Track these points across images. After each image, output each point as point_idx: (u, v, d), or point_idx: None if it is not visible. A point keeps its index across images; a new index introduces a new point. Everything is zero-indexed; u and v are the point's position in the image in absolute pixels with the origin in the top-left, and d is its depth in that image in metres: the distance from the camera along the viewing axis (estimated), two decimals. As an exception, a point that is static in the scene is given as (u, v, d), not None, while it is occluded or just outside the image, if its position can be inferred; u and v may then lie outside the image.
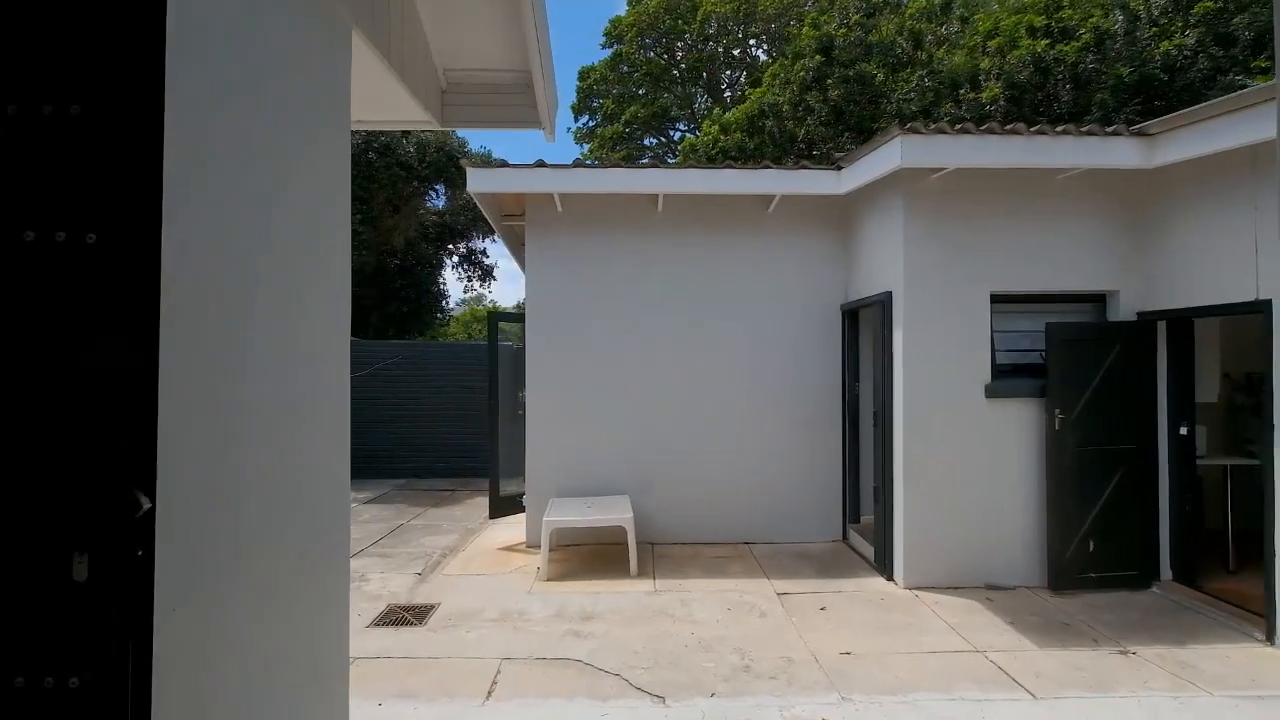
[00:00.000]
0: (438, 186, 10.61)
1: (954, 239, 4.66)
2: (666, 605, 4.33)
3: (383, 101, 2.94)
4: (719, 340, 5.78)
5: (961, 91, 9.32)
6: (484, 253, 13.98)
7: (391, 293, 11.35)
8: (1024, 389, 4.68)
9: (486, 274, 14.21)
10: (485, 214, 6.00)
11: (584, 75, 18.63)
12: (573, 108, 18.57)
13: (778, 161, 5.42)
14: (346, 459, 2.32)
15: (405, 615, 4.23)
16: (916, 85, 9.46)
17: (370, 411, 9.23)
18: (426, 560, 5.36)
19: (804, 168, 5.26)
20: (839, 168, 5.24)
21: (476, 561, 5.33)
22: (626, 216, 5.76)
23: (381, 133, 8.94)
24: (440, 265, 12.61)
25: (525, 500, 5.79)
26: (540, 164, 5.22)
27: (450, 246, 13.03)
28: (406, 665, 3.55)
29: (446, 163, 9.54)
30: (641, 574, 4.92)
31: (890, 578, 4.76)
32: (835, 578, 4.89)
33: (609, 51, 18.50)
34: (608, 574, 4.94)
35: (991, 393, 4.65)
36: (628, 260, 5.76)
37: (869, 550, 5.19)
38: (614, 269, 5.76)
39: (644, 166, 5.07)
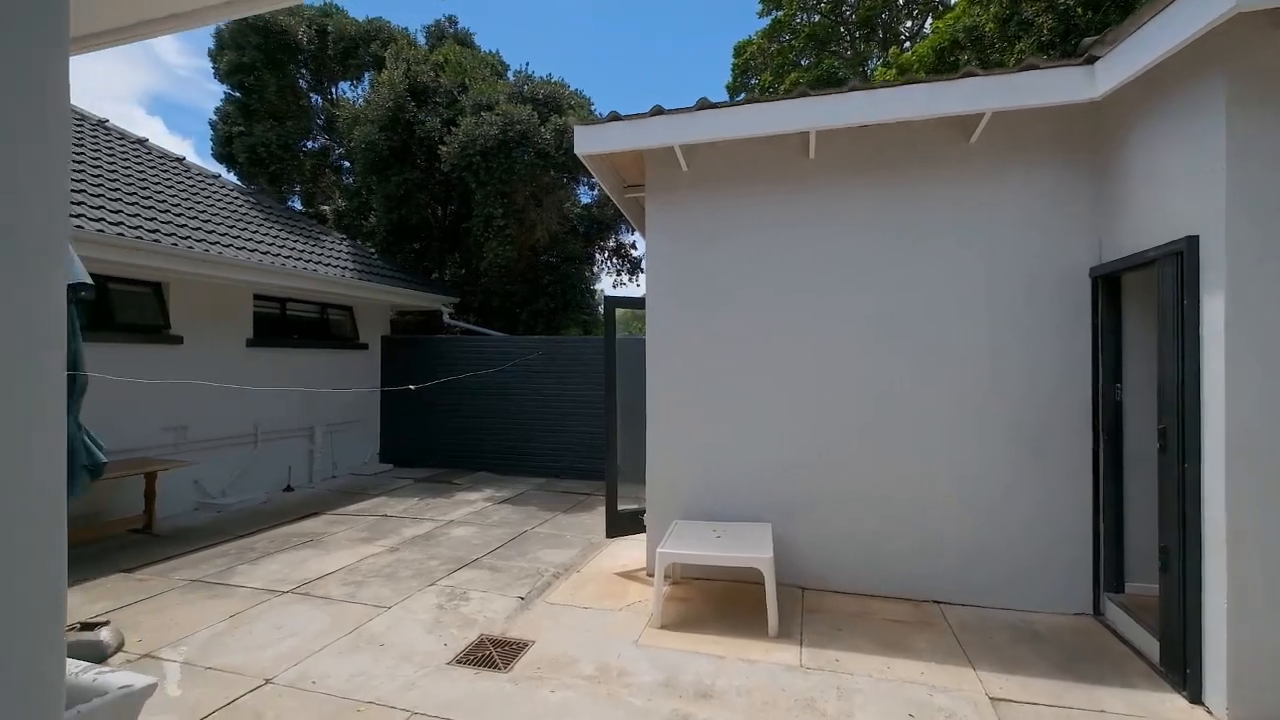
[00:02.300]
0: (578, 176, 10.20)
1: (1329, 141, 2.74)
2: (815, 693, 3.09)
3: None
4: (898, 326, 4.31)
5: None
6: (632, 246, 13.49)
7: (539, 289, 11.28)
8: None
9: (635, 268, 13.72)
10: (604, 186, 5.21)
11: (739, 51, 17.37)
12: (728, 87, 17.42)
13: (985, 68, 3.80)
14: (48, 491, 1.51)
15: (493, 653, 3.56)
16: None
17: (514, 406, 9.12)
18: (535, 581, 4.71)
19: (1031, 67, 3.60)
20: (1091, 59, 3.49)
21: (588, 588, 4.55)
22: (768, 169, 4.55)
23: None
24: (587, 260, 12.32)
25: (646, 519, 4.88)
26: (657, 110, 4.26)
27: (600, 242, 12.72)
28: (466, 734, 2.82)
29: None
30: (784, 635, 3.71)
31: (1195, 697, 2.97)
32: (1089, 682, 3.20)
33: (766, 21, 17.01)
34: (740, 626, 3.81)
35: None
36: (771, 226, 4.55)
37: (1144, 640, 3.39)
38: (754, 238, 4.59)
39: (787, 96, 3.81)
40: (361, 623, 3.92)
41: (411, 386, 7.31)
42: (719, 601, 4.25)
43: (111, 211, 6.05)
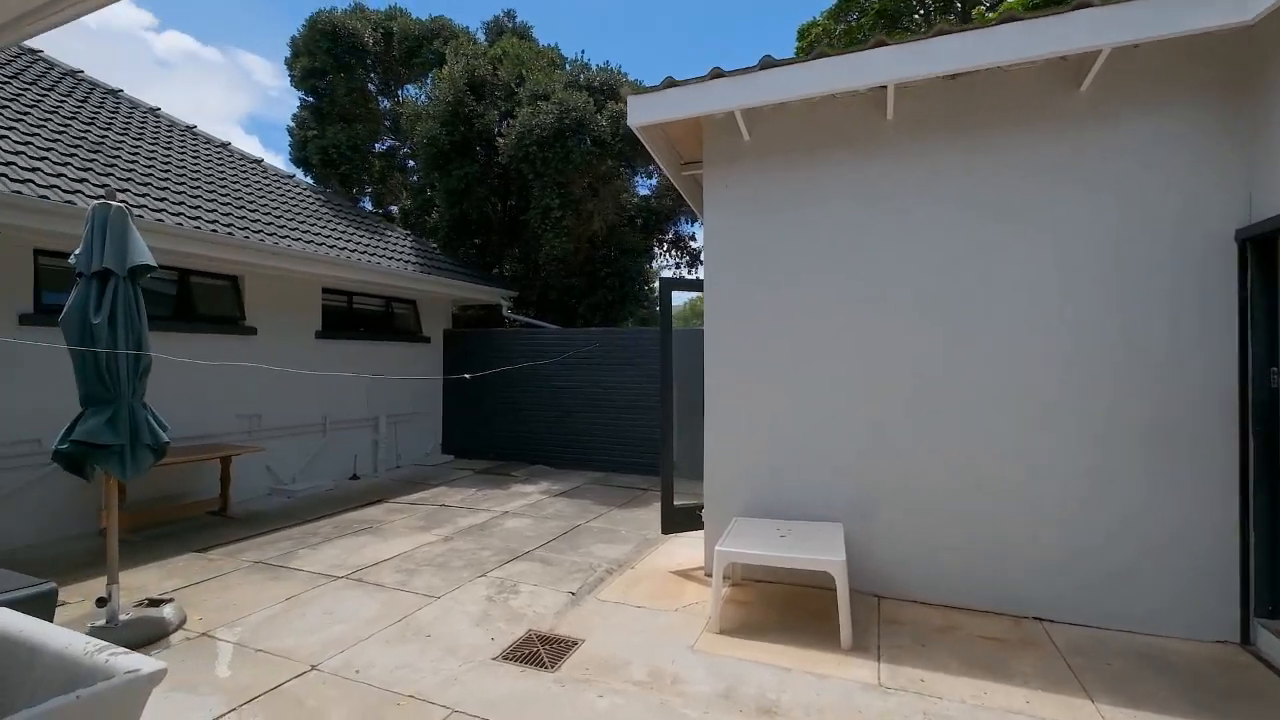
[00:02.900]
0: (635, 165, 9.96)
1: None
2: (898, 718, 2.70)
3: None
4: (993, 303, 3.80)
5: None
6: (691, 238, 13.15)
7: (597, 282, 11.14)
8: None
9: (695, 260, 13.39)
10: (660, 163, 4.93)
11: (803, 33, 16.63)
12: (791, 72, 16.70)
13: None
14: None
15: (540, 650, 3.36)
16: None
17: (571, 400, 9.01)
18: (587, 576, 4.50)
19: (1162, -10, 3.03)
20: (1243, -25, 2.90)
21: (642, 586, 4.29)
22: (839, 133, 4.13)
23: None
24: (646, 253, 12.07)
25: (703, 516, 4.57)
26: (717, 73, 3.94)
27: (658, 234, 12.45)
28: (508, 737, 2.62)
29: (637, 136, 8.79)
30: (859, 648, 3.31)
31: (1395, 754, 2.37)
32: (1244, 725, 2.64)
33: (833, 0, 16.19)
34: (807, 636, 3.44)
35: None
36: (844, 197, 4.13)
37: (1317, 678, 2.77)
38: (823, 211, 4.18)
39: (863, 47, 3.41)
40: (410, 612, 3.82)
41: (466, 375, 7.30)
42: (783, 606, 3.88)
43: (191, 208, 6.33)
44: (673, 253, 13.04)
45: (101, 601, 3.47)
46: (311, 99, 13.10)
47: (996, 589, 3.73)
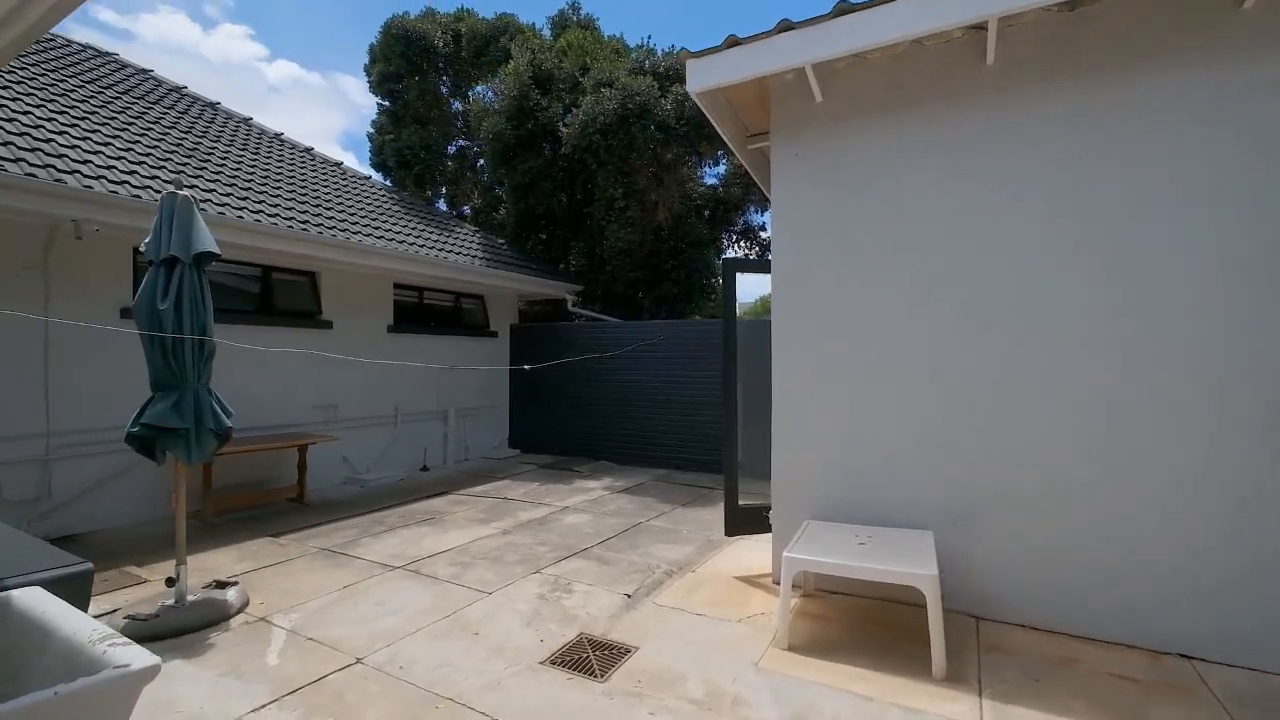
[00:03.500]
0: (701, 152, 9.56)
1: None
2: (1009, 769, 2.23)
3: None
4: (1125, 274, 3.19)
5: None
6: (761, 228, 12.59)
7: (662, 274, 10.86)
8: None
9: (765, 252, 12.81)
10: (723, 134, 4.56)
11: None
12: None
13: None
14: None
15: (590, 657, 3.11)
16: None
17: (636, 395, 8.79)
18: (645, 578, 4.22)
19: None
20: None
21: (703, 591, 3.96)
22: (927, 88, 3.63)
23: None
24: (713, 244, 11.66)
25: (771, 518, 4.18)
26: (785, 25, 3.54)
27: (726, 225, 12.00)
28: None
29: (705, 119, 8.37)
30: (955, 678, 2.83)
31: None
32: None
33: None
34: (891, 659, 3.00)
35: None
36: (933, 162, 3.63)
37: None
38: (908, 180, 3.69)
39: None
40: (460, 607, 3.69)
41: (526, 367, 7.22)
42: (862, 623, 3.44)
43: (271, 206, 6.61)
44: (741, 244, 12.54)
45: (170, 581, 3.55)
46: (387, 103, 13.63)
47: (1129, 617, 3.12)
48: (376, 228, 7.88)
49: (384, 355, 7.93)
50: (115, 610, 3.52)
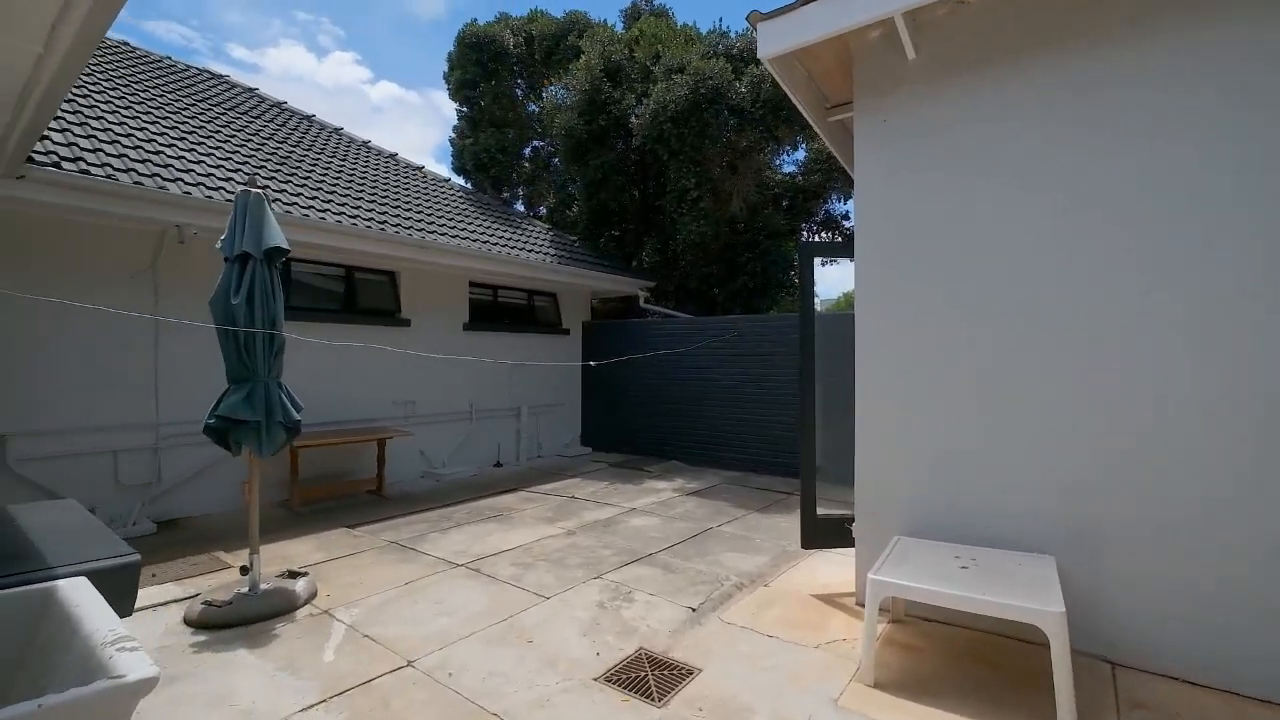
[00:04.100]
0: (778, 136, 9.03)
1: None
2: None
3: None
4: (1310, 244, 2.53)
5: None
6: (844, 217, 11.82)
7: (737, 268, 10.43)
8: None
9: (849, 243, 12.04)
10: (800, 105, 4.16)
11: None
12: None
13: None
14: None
15: (648, 676, 2.86)
16: None
17: (708, 394, 8.45)
18: (712, 590, 3.91)
19: None
20: None
21: (776, 609, 3.60)
22: (1046, 32, 3.07)
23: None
24: (791, 235, 11.07)
25: (854, 531, 3.74)
26: (870, -27, 3.11)
27: (806, 215, 11.37)
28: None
29: (781, 100, 7.79)
30: (1088, 739, 2.33)
31: None
32: None
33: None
34: (1004, 707, 2.52)
35: None
36: (1050, 121, 3.07)
37: None
38: (1018, 146, 3.15)
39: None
40: (516, 611, 3.55)
41: (591, 363, 7.06)
42: (964, 659, 2.96)
43: (353, 208, 6.85)
44: (822, 236, 11.85)
45: (244, 570, 3.65)
46: (465, 109, 14.04)
47: (1325, 677, 2.46)
48: (452, 227, 8.04)
49: (459, 352, 8.07)
50: (197, 595, 3.65)
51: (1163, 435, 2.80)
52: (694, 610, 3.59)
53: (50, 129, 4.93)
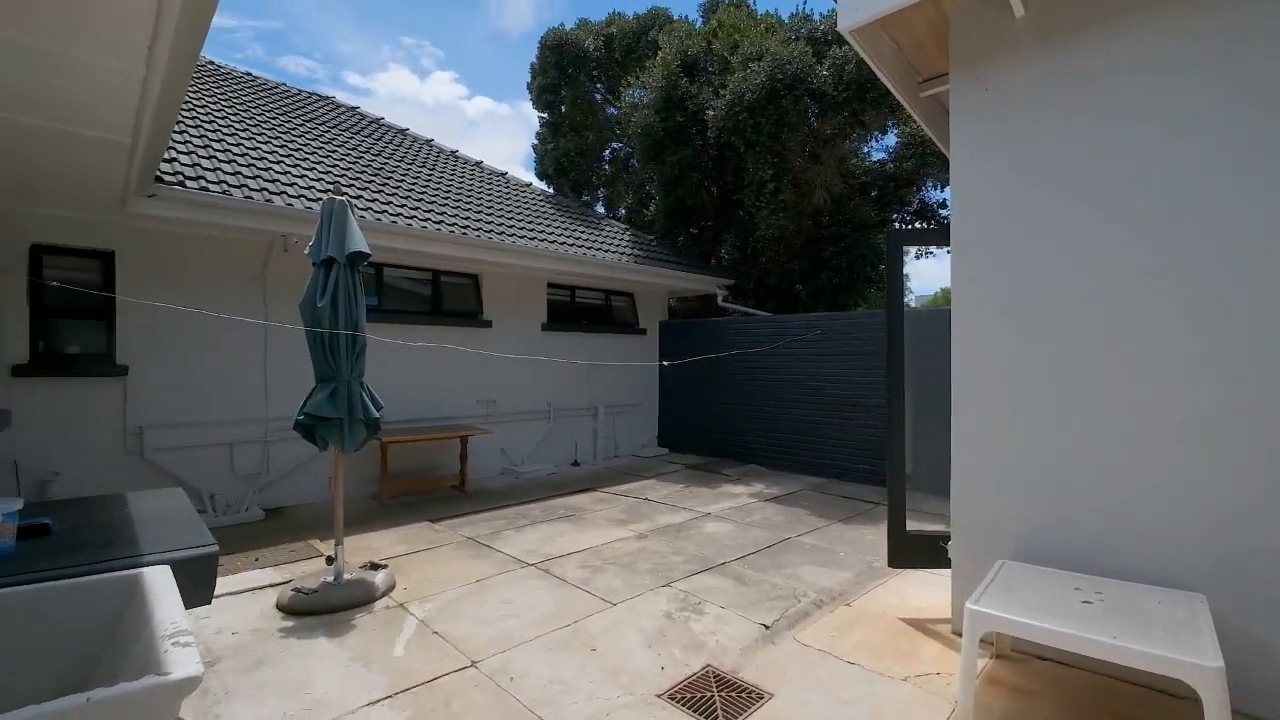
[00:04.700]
0: (865, 120, 8.44)
1: None
2: None
3: None
4: None
5: None
6: (941, 205, 10.93)
7: (820, 263, 9.91)
8: None
9: (948, 235, 11.12)
10: (887, 81, 3.80)
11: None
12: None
13: None
14: None
15: (714, 697, 2.68)
16: None
17: (790, 395, 8.07)
18: (788, 606, 3.65)
19: None
20: None
21: (859, 632, 3.29)
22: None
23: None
24: (881, 227, 10.38)
25: (950, 551, 3.35)
26: (968, -78, 2.75)
27: (898, 204, 10.62)
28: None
29: (867, 80, 7.20)
30: (1255, 827, 1.89)
31: None
32: None
33: None
34: (1138, 774, 2.11)
35: None
36: (1187, 85, 2.57)
37: None
38: (1145, 111, 2.67)
39: None
40: (582, 616, 3.48)
41: (664, 363, 6.91)
42: (1087, 710, 2.54)
43: (438, 214, 7.13)
44: (917, 226, 11.02)
45: (329, 560, 3.83)
46: (546, 114, 14.36)
47: None
48: (530, 229, 8.19)
49: (537, 353, 8.21)
50: (289, 580, 3.88)
51: (1358, 453, 2.26)
52: (767, 628, 3.36)
53: (178, 151, 5.47)
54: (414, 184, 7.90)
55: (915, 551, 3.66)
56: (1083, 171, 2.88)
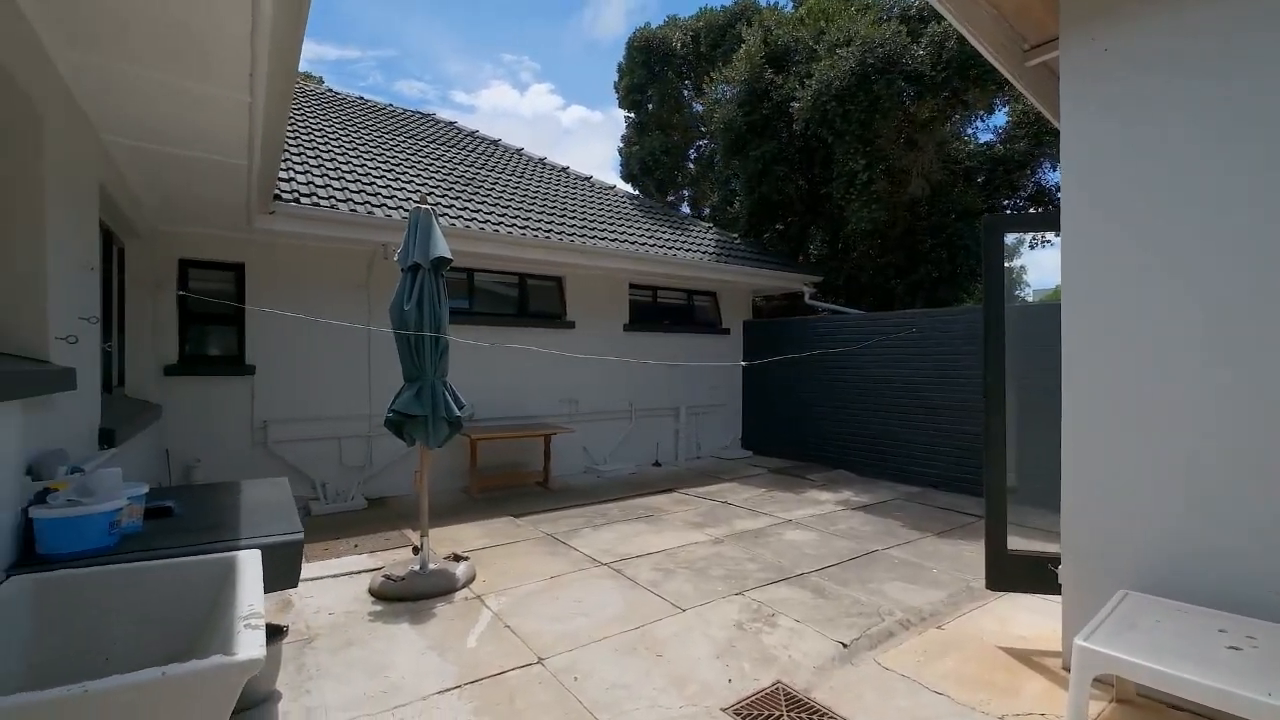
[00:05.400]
0: (968, 100, 7.73)
1: None
2: None
3: None
4: None
5: None
6: (1059, 188, 9.83)
7: (919, 256, 9.23)
8: None
9: (1051, 213, 9.99)
10: (986, 52, 3.44)
11: None
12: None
13: None
14: None
15: (783, 717, 2.54)
16: None
17: (883, 398, 7.60)
18: (870, 624, 3.40)
19: None
20: None
21: (950, 659, 3.00)
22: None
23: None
24: (990, 214, 9.49)
25: (1060, 576, 2.96)
26: None
27: (1010, 190, 9.66)
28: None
29: (970, 56, 6.53)
30: None
31: None
32: None
33: None
34: None
35: None
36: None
37: None
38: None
39: None
40: (650, 620, 3.43)
41: (743, 364, 6.71)
42: (1236, 774, 2.13)
43: (523, 219, 7.39)
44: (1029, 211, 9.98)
45: (416, 550, 4.05)
46: (632, 114, 14.48)
47: None
48: (612, 230, 8.28)
49: (619, 353, 8.29)
50: (381, 567, 4.14)
51: None
52: (845, 646, 3.14)
53: (294, 171, 6.04)
54: (502, 191, 8.23)
55: (1018, 574, 3.28)
56: (1211, 144, 2.44)
